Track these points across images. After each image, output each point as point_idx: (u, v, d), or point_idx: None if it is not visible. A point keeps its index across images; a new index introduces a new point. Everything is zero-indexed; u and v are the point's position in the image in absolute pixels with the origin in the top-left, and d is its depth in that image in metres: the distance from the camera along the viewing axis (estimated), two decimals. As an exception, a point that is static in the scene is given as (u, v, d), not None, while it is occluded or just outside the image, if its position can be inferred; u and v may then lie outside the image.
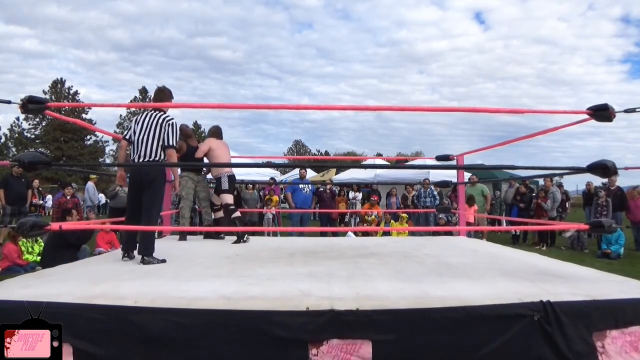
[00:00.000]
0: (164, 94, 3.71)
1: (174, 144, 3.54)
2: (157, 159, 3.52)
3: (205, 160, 5.34)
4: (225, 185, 5.23)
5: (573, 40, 68.48)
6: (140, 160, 3.53)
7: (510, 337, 2.17)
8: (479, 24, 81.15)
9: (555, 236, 9.90)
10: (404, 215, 9.73)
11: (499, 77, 72.82)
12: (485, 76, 72.77)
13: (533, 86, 70.07)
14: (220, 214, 5.45)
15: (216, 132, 5.55)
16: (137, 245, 3.53)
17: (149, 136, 3.51)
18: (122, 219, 3.87)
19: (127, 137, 3.69)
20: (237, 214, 5.19)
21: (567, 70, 68.49)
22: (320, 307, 2.16)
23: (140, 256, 3.43)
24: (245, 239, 4.97)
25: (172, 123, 3.55)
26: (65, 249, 5.92)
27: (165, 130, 3.51)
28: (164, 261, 3.42)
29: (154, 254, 3.43)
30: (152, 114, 3.61)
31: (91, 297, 2.24)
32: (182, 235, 5.27)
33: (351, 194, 12.28)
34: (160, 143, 3.51)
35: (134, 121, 3.68)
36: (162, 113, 3.60)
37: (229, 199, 5.24)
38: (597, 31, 67.55)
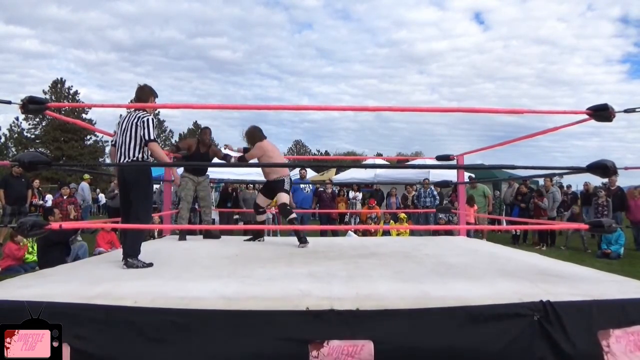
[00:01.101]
0: (142, 92, 3.65)
1: (153, 138, 3.47)
2: (135, 157, 3.46)
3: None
4: (287, 186, 4.97)
5: (572, 41, 68.30)
6: (122, 161, 3.51)
7: (511, 337, 2.17)
8: (478, 24, 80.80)
9: (556, 236, 9.90)
10: (403, 215, 9.72)
11: (498, 77, 72.64)
12: (485, 76, 72.62)
13: (533, 86, 69.93)
14: (263, 217, 5.36)
15: (262, 134, 5.03)
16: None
17: (126, 136, 3.49)
18: (119, 219, 3.87)
19: (114, 143, 3.67)
20: (294, 215, 5.02)
21: (567, 70, 68.23)
22: (320, 307, 2.16)
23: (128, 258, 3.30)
24: (261, 238, 5.11)
25: (145, 120, 3.49)
26: (52, 247, 5.93)
27: (141, 128, 3.46)
28: (150, 265, 3.26)
29: (140, 257, 3.30)
30: (130, 116, 3.59)
31: (91, 297, 2.24)
32: (182, 235, 5.27)
33: (351, 194, 12.28)
34: (139, 141, 3.47)
35: (117, 126, 3.70)
36: (138, 112, 3.55)
37: (287, 199, 5.03)
38: (597, 31, 67.36)
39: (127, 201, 3.50)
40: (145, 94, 3.63)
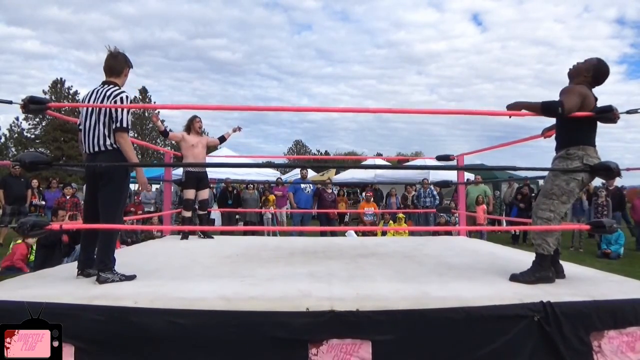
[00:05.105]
0: (116, 61, 2.91)
1: (125, 126, 2.77)
2: (107, 146, 2.78)
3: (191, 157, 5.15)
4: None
5: (569, 42, 68.33)
6: (90, 151, 2.82)
7: (511, 337, 2.17)
8: (476, 26, 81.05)
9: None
10: (401, 215, 9.71)
11: (496, 78, 72.62)
12: (483, 77, 72.72)
13: (531, 87, 69.74)
14: (190, 213, 5.41)
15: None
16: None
17: (95, 118, 2.78)
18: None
19: (79, 125, 2.94)
20: (188, 214, 5.33)
21: (565, 71, 67.19)
22: (320, 307, 2.16)
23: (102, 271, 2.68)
24: (188, 237, 5.19)
25: (122, 97, 2.78)
26: (46, 250, 5.92)
27: (114, 108, 2.74)
28: (131, 278, 2.71)
29: (116, 268, 2.72)
30: (99, 90, 2.85)
31: (91, 298, 2.24)
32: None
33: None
34: (111, 125, 2.77)
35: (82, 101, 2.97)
36: (111, 87, 2.84)
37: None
38: (593, 33, 67.44)
39: (94, 201, 2.86)
40: (119, 62, 2.91)
